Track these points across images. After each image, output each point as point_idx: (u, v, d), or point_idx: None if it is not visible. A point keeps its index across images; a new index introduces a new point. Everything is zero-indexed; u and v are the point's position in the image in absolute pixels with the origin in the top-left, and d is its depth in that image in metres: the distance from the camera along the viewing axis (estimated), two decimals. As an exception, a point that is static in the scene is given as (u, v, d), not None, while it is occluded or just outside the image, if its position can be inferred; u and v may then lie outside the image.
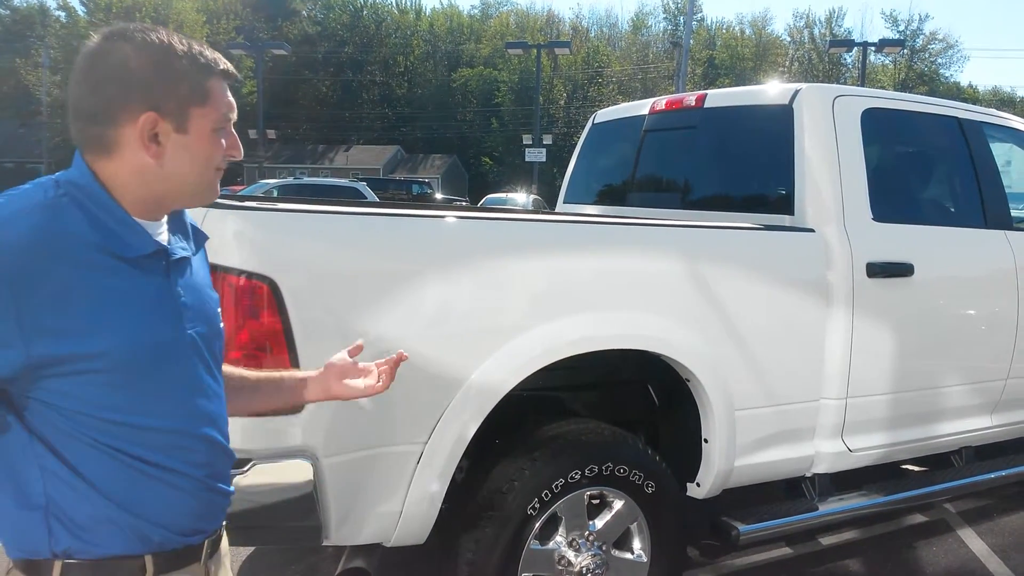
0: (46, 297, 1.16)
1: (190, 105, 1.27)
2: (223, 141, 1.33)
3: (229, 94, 1.35)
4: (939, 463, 3.87)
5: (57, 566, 1.25)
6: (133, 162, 1.26)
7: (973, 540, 4.02)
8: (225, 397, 1.47)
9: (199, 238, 1.47)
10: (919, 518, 4.30)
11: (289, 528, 2.31)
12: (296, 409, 2.15)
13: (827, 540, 3.98)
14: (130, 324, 1.24)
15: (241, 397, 1.58)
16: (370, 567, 2.56)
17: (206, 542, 1.39)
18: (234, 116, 1.36)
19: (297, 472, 2.20)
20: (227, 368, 1.56)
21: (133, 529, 1.27)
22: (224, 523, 1.48)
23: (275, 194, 16.24)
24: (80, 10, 49.50)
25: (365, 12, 59.54)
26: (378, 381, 1.65)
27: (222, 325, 1.46)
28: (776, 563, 3.74)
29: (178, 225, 1.40)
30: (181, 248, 1.37)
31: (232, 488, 1.46)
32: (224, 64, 1.33)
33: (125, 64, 1.24)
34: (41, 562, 1.25)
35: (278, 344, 2.15)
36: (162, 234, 1.34)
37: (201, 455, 1.34)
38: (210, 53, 1.32)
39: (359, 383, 1.65)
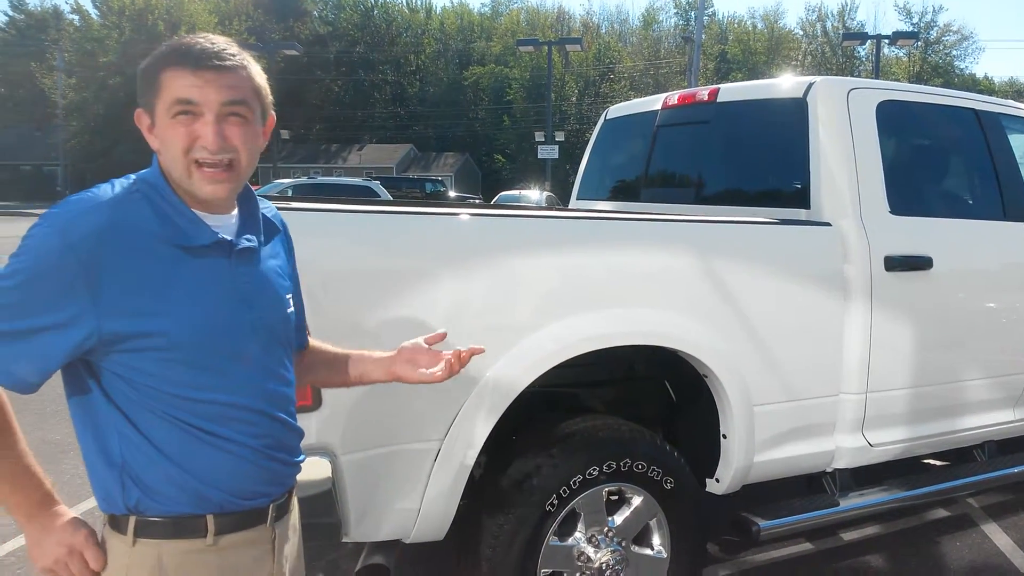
0: (116, 281, 1.30)
1: (152, 98, 1.37)
2: (187, 128, 1.35)
3: (188, 80, 1.34)
4: (961, 457, 3.84)
5: (131, 521, 1.38)
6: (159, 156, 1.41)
7: (997, 535, 3.99)
8: (311, 369, 1.73)
9: (271, 230, 1.57)
10: (942, 513, 4.27)
11: (309, 525, 2.30)
12: (316, 405, 2.18)
13: (848, 535, 3.96)
14: (189, 307, 1.35)
15: (321, 370, 1.76)
16: (389, 563, 2.57)
17: (271, 506, 1.50)
18: (191, 98, 1.35)
19: (316, 469, 2.21)
20: (314, 342, 1.77)
21: (194, 491, 1.39)
22: (293, 495, 1.61)
23: (289, 194, 16.32)
24: (93, 13, 49.88)
25: (376, 12, 59.68)
26: (439, 370, 1.68)
27: (291, 311, 1.56)
28: (797, 559, 3.72)
29: (249, 218, 1.51)
30: (247, 240, 1.46)
31: (299, 458, 1.58)
32: (177, 53, 1.36)
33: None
34: (120, 517, 1.40)
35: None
36: (231, 226, 1.46)
37: (259, 427, 1.45)
38: (169, 46, 1.39)
39: (421, 368, 1.70)
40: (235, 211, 1.49)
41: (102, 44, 46.06)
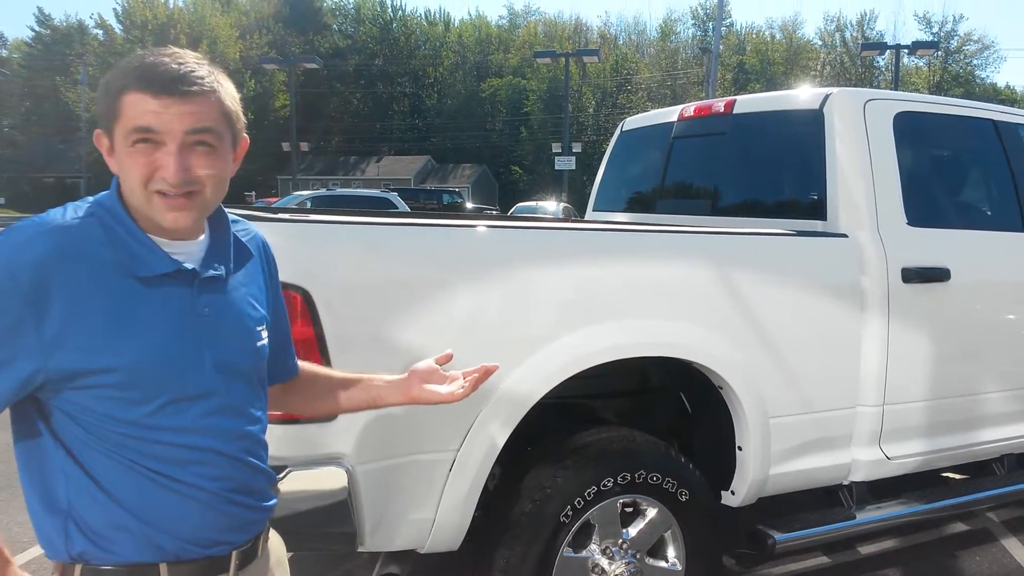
0: (63, 314, 1.21)
1: (111, 121, 1.28)
2: (147, 158, 1.26)
3: (150, 105, 1.24)
4: (980, 471, 3.80)
5: (78, 569, 1.29)
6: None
7: (1017, 549, 3.94)
8: (310, 395, 1.66)
9: (242, 256, 1.45)
10: (960, 527, 4.22)
11: (324, 534, 2.33)
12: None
13: (865, 549, 3.92)
14: (142, 342, 1.26)
15: (327, 398, 1.67)
16: (404, 573, 2.58)
17: (233, 553, 1.40)
18: (160, 130, 1.25)
19: (332, 479, 2.23)
20: (313, 369, 1.71)
21: (146, 537, 1.30)
22: (267, 534, 1.51)
23: (308, 205, 16.45)
24: (117, 28, 50.61)
25: (395, 25, 60.14)
26: (459, 388, 1.66)
27: (262, 343, 1.44)
28: (813, 572, 3.69)
29: (218, 244, 1.41)
30: (213, 269, 1.37)
31: (268, 502, 1.47)
32: (156, 72, 1.25)
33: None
34: (65, 565, 1.31)
35: (311, 352, 2.18)
36: (196, 253, 1.36)
37: (218, 469, 1.35)
38: (136, 64, 1.28)
39: (441, 389, 1.67)
40: (203, 236, 1.38)
41: (125, 58, 46.67)
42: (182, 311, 1.31)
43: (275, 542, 1.57)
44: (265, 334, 1.46)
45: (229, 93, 1.34)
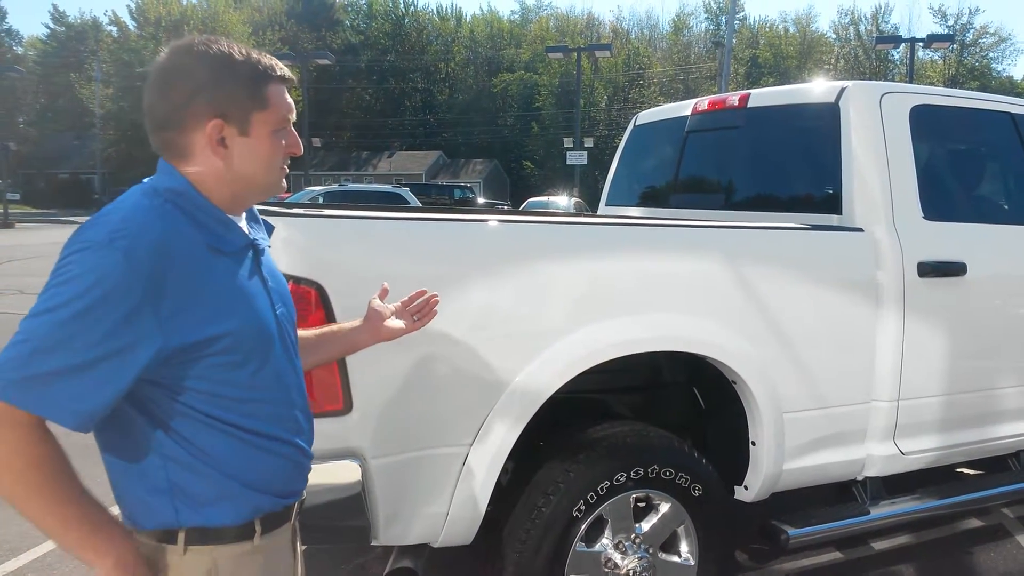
0: (175, 293, 1.28)
1: (252, 110, 1.38)
2: (283, 141, 1.43)
3: (287, 96, 1.44)
4: (995, 466, 3.77)
5: (182, 533, 1.37)
6: (208, 165, 1.38)
7: (1032, 546, 3.91)
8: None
9: (268, 228, 1.60)
10: (975, 523, 4.19)
11: (338, 528, 2.34)
12: (347, 409, 2.22)
13: (879, 544, 3.90)
14: (244, 307, 1.39)
15: (307, 354, 1.72)
16: (418, 567, 2.59)
17: (296, 503, 1.54)
18: (293, 117, 1.45)
19: (346, 473, 2.24)
20: (314, 330, 1.84)
21: (247, 500, 1.41)
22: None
23: (321, 201, 16.48)
24: (131, 24, 50.88)
25: (407, 20, 60.18)
26: (415, 318, 1.86)
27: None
28: (827, 568, 3.68)
29: (253, 219, 1.54)
30: (262, 238, 1.52)
31: (311, 454, 1.59)
32: (281, 69, 1.43)
33: (191, 74, 1.35)
34: (168, 531, 1.38)
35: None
36: (245, 227, 1.48)
37: (297, 424, 1.50)
38: (267, 60, 1.42)
39: (401, 323, 1.85)
40: (243, 213, 1.52)
41: (139, 55, 46.97)
42: (256, 279, 1.45)
43: None
44: None
45: None
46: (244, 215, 1.50)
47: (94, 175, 47.19)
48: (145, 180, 1.41)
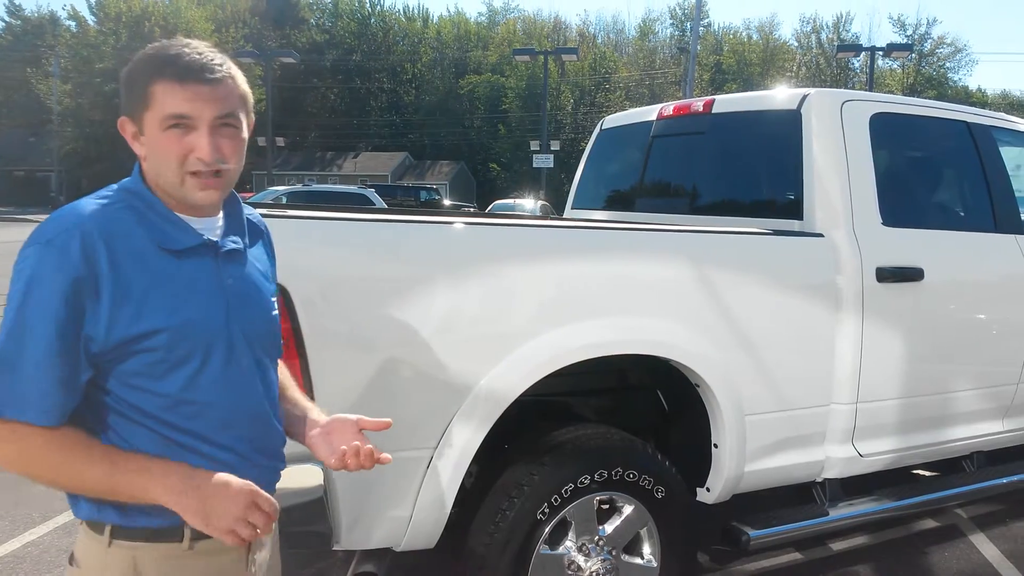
0: (112, 288, 1.31)
1: (141, 109, 1.38)
2: (180, 141, 1.37)
3: (182, 94, 1.35)
4: (950, 468, 3.85)
5: (107, 526, 1.39)
6: (142, 160, 1.43)
7: (985, 545, 4.00)
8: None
9: (255, 233, 1.60)
10: (930, 523, 4.28)
11: (299, 533, 2.31)
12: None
13: (838, 545, 3.97)
14: (186, 307, 1.37)
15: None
16: (380, 571, 2.57)
17: None
18: (193, 115, 1.36)
19: (308, 477, 2.21)
20: (281, 366, 1.69)
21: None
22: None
23: (284, 201, 16.31)
24: (90, 19, 49.88)
25: (373, 20, 59.81)
26: (335, 459, 1.57)
27: (275, 314, 1.58)
28: (786, 568, 3.73)
29: (234, 220, 1.53)
30: (232, 241, 1.49)
31: (281, 465, 1.59)
32: (174, 66, 1.36)
33: (123, 77, 1.42)
34: (95, 523, 1.40)
35: (288, 350, 2.16)
36: (216, 230, 1.47)
37: (244, 431, 1.46)
38: (163, 55, 1.38)
39: (323, 451, 1.60)
40: (220, 214, 1.51)
41: (98, 50, 46.03)
42: (210, 280, 1.42)
43: None
44: (276, 307, 1.59)
45: (241, 78, 1.47)
46: (221, 218, 1.49)
47: (51, 173, 46.19)
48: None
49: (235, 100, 1.42)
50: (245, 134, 1.47)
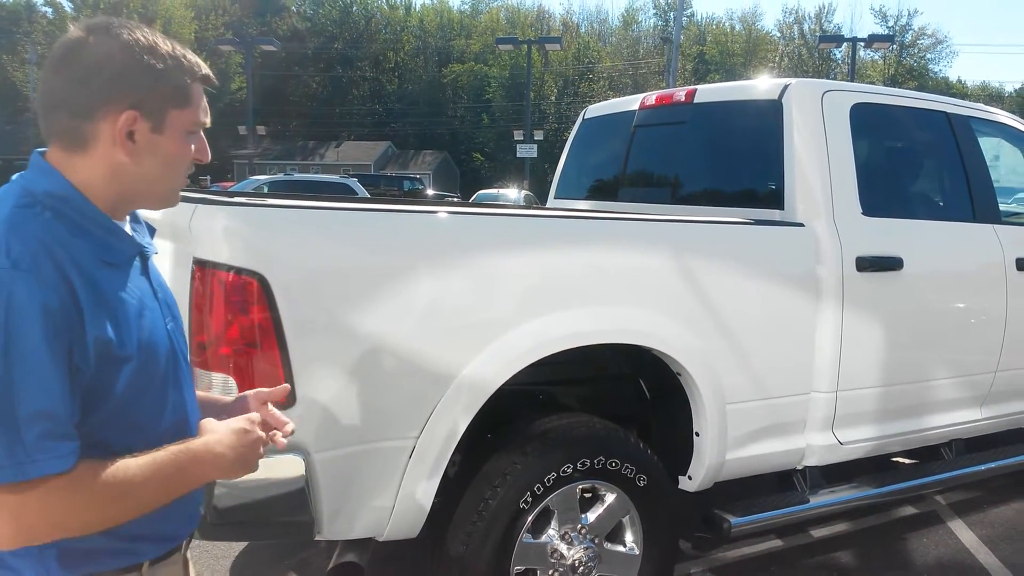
0: (93, 314, 1.17)
1: (170, 106, 1.26)
2: (192, 146, 1.32)
3: (205, 100, 1.34)
4: (929, 455, 3.90)
5: None
6: (106, 160, 1.24)
7: (963, 531, 4.05)
8: None
9: (151, 230, 1.44)
10: (910, 510, 4.33)
11: (281, 523, 2.30)
12: (290, 403, 2.15)
13: (818, 532, 4.01)
14: (136, 323, 1.25)
15: None
16: (362, 561, 2.56)
17: (183, 545, 1.44)
18: (207, 122, 1.34)
19: (289, 467, 2.20)
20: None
21: (127, 552, 1.29)
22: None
23: (265, 190, 16.20)
24: (67, 6, 49.12)
25: (355, 8, 59.34)
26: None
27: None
28: (767, 555, 3.76)
29: (139, 224, 1.38)
30: (148, 244, 1.37)
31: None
32: (205, 70, 1.32)
33: (110, 59, 1.21)
34: None
35: (268, 340, 2.15)
36: (133, 234, 1.34)
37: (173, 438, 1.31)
38: (192, 56, 1.31)
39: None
40: (127, 216, 1.35)
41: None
42: (145, 293, 1.31)
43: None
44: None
45: None
46: (128, 218, 1.34)
47: (27, 161, 45.57)
48: (15, 177, 1.25)
49: None
50: None
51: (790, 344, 3.15)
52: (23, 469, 1.09)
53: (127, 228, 1.33)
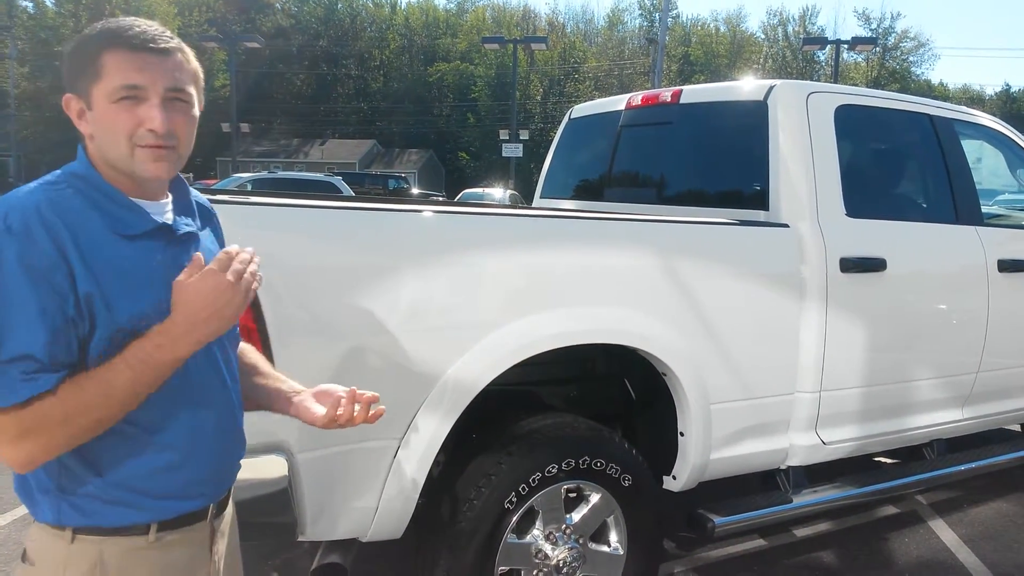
0: (87, 280, 1.26)
1: (89, 83, 1.33)
2: (130, 113, 1.31)
3: (134, 64, 1.31)
4: (911, 455, 3.92)
5: (69, 531, 1.35)
6: (85, 142, 1.37)
7: (944, 531, 4.09)
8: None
9: (205, 216, 1.55)
10: (891, 509, 4.36)
11: (263, 524, 2.28)
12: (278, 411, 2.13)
13: (801, 532, 4.02)
14: (146, 293, 1.32)
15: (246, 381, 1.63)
16: (346, 562, 2.54)
17: (211, 506, 1.49)
18: (145, 86, 1.31)
19: (272, 468, 2.18)
20: (251, 356, 1.70)
21: (137, 504, 1.36)
22: (232, 489, 1.60)
23: (249, 188, 16.09)
24: (48, 1, 48.64)
25: (340, 5, 59.17)
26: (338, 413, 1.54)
27: None
28: (751, 555, 3.77)
29: (183, 204, 1.48)
30: (186, 224, 1.44)
31: (242, 454, 1.57)
32: (131, 32, 1.32)
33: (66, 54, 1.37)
34: (56, 527, 1.36)
35: (251, 338, 2.12)
36: (167, 213, 1.42)
37: (207, 423, 1.42)
38: (120, 27, 1.33)
39: (317, 408, 1.59)
40: (168, 198, 1.44)
41: (57, 33, 44.94)
42: (167, 266, 1.36)
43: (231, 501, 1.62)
44: None
45: (191, 54, 1.43)
46: (170, 201, 1.43)
47: (8, 158, 45.06)
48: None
49: (187, 75, 1.38)
50: (196, 112, 1.42)
51: (774, 345, 3.16)
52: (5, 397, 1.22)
53: (167, 208, 1.42)
